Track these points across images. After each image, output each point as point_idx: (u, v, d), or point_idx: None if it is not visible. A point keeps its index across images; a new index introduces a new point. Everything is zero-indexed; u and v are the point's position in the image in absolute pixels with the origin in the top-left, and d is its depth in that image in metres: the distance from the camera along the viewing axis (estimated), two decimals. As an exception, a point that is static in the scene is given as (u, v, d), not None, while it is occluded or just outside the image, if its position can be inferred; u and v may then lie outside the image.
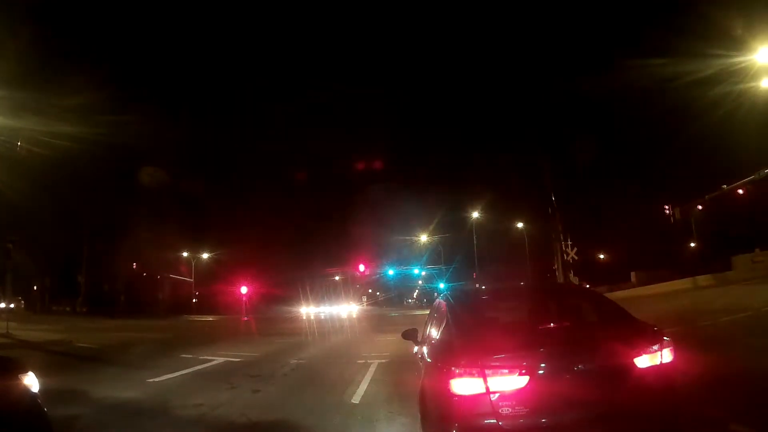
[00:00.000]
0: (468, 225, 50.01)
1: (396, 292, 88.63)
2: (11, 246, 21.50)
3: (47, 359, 14.76)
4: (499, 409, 3.99)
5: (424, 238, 53.50)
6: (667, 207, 35.06)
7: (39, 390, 4.59)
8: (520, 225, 49.51)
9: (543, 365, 4.10)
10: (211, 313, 54.98)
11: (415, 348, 7.14)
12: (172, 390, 10.20)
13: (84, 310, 54.20)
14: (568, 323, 5.22)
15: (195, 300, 63.62)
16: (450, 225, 51.63)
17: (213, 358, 14.90)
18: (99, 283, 59.42)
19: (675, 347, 4.38)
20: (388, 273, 55.95)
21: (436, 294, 6.94)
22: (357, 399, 8.89)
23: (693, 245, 48.98)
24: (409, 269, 56.09)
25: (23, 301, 58.21)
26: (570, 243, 35.94)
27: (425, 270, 55.94)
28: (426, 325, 6.79)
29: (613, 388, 4.11)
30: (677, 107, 34.14)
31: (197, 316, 52.51)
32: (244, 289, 55.15)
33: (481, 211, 49.45)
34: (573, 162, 44.48)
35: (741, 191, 32.17)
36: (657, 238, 48.54)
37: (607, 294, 36.96)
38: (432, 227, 52.92)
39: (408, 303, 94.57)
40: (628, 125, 51.68)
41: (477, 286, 9.24)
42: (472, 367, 4.10)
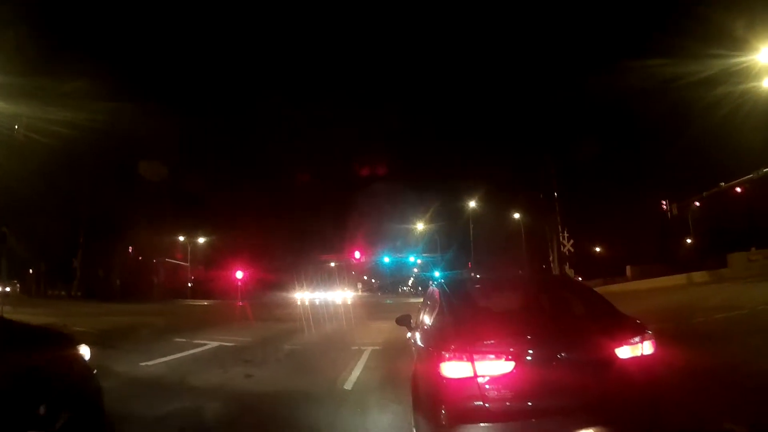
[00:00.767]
0: (465, 214, 50.20)
1: (391, 279, 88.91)
2: (6, 230, 21.39)
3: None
4: (486, 392, 4.20)
5: (420, 226, 53.34)
6: (665, 202, 35.03)
7: None
8: (516, 216, 49.47)
9: (528, 352, 4.31)
10: (207, 298, 54.96)
11: (409, 333, 7.30)
12: (164, 374, 10.13)
13: (79, 294, 54.18)
14: (554, 313, 5.52)
15: (190, 285, 63.54)
16: (447, 214, 51.89)
17: (206, 342, 14.81)
18: (95, 268, 59.19)
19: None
20: (383, 260, 55.74)
21: (430, 282, 7.25)
22: (350, 386, 8.89)
23: (689, 242, 49.15)
24: (405, 257, 55.97)
25: (19, 285, 58.02)
26: (567, 235, 36.06)
27: (421, 258, 55.58)
28: (419, 312, 7.00)
29: (595, 376, 4.31)
30: (679, 106, 34.04)
31: (193, 300, 52.51)
32: (239, 274, 55.07)
33: (479, 201, 49.43)
34: (573, 156, 44.44)
35: (739, 189, 32.16)
36: (653, 233, 48.72)
37: (602, 287, 37.47)
38: (429, 216, 53.06)
39: (403, 290, 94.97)
40: (629, 123, 51.60)
41: (471, 275, 9.36)
42: (461, 352, 4.30)
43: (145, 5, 63.51)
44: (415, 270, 76.38)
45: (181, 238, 64.24)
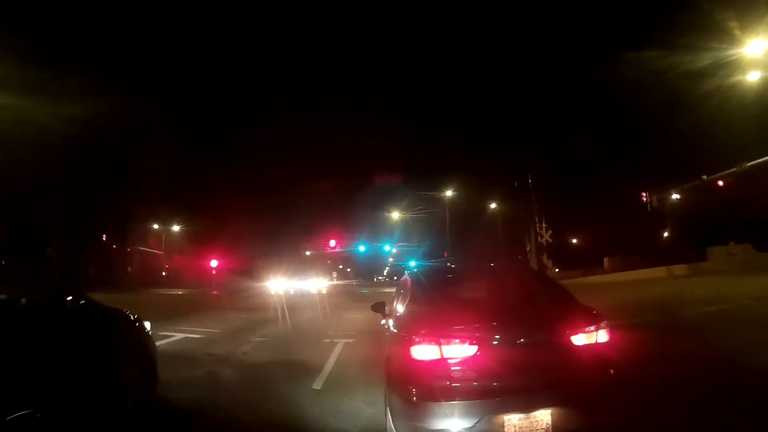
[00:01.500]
0: (442, 203, 49.39)
1: (367, 268, 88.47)
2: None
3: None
4: (452, 373, 4.61)
5: (396, 215, 52.74)
6: (645, 194, 34.65)
7: None
8: (494, 205, 49.05)
9: (491, 337, 4.71)
10: (181, 287, 53.89)
11: (383, 320, 7.53)
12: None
13: None
14: (517, 302, 5.67)
15: (165, 273, 62.43)
16: (424, 203, 50.89)
17: (172, 334, 14.05)
18: (69, 256, 57.48)
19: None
20: (359, 249, 55.18)
21: (405, 271, 8.07)
22: (319, 384, 8.21)
23: (666, 234, 49.09)
24: (381, 246, 55.43)
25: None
26: (545, 225, 35.64)
27: (396, 247, 55.33)
28: (393, 300, 7.38)
29: (551, 360, 4.69)
30: (664, 98, 33.86)
31: (166, 289, 51.17)
32: (214, 263, 54.41)
33: (456, 190, 48.75)
34: (552, 146, 43.93)
35: (721, 183, 31.88)
36: (632, 225, 48.54)
37: (581, 279, 37.22)
38: (405, 204, 52.41)
39: (378, 280, 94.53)
40: (613, 113, 51.03)
41: (443, 265, 9.43)
42: (429, 337, 4.69)
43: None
44: (390, 259, 75.91)
45: (156, 226, 63.03)
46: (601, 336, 4.91)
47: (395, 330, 5.95)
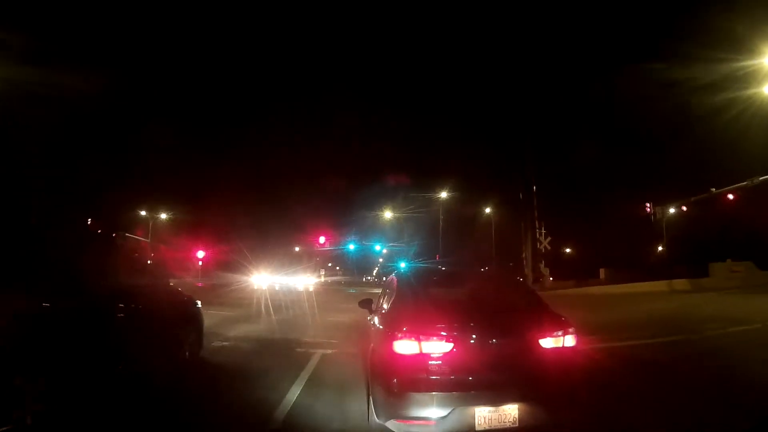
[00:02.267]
0: (435, 204, 48.42)
1: (356, 267, 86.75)
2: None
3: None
4: (430, 367, 5.03)
5: (388, 214, 51.27)
6: (648, 205, 33.25)
7: None
8: (489, 210, 47.76)
9: (466, 337, 5.15)
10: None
11: (369, 316, 7.86)
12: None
13: None
14: (493, 306, 6.10)
15: (150, 261, 60.50)
16: (417, 203, 49.53)
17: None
18: (45, 238, 55.39)
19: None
20: (348, 248, 53.64)
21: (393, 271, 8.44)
22: (280, 416, 6.35)
23: (661, 249, 47.78)
24: (371, 245, 53.92)
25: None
26: (544, 231, 34.26)
27: (387, 247, 53.93)
28: (380, 297, 7.78)
29: (520, 360, 5.12)
30: (675, 111, 32.79)
31: (149, 277, 49.27)
32: (201, 254, 52.76)
33: (450, 191, 47.41)
34: (555, 154, 42.61)
35: (731, 196, 30.54)
36: (629, 237, 47.31)
37: (578, 289, 35.80)
38: (397, 204, 51.09)
39: (367, 280, 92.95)
40: (620, 125, 49.76)
41: (428, 267, 9.90)
42: (410, 333, 5.13)
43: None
44: (380, 260, 74.56)
45: (144, 213, 61.20)
46: (569, 341, 5.39)
47: (380, 326, 6.36)
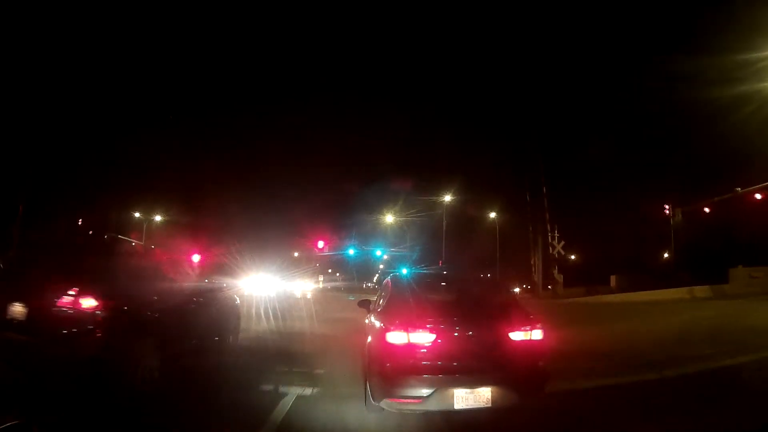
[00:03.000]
0: (439, 209, 46.79)
1: (356, 273, 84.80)
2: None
3: None
4: (416, 354, 6.11)
5: (390, 218, 49.41)
6: (667, 207, 31.32)
7: None
8: (493, 215, 46.02)
9: (447, 329, 6.24)
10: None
11: (367, 316, 8.80)
12: None
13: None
14: (472, 305, 7.21)
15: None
16: (420, 207, 47.90)
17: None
18: (38, 239, 53.11)
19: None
20: (348, 253, 51.70)
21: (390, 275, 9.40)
22: None
23: (672, 254, 45.90)
24: (372, 250, 51.94)
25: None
26: (557, 235, 32.32)
27: (388, 253, 52.03)
28: (377, 299, 8.90)
29: (493, 350, 6.22)
30: (691, 107, 31.12)
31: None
32: (196, 258, 50.92)
33: (455, 195, 45.67)
34: (565, 155, 40.71)
35: (759, 196, 28.71)
36: (641, 241, 45.50)
37: (590, 297, 34.04)
38: (399, 208, 49.32)
39: (367, 287, 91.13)
40: (637, 122, 47.71)
41: (421, 271, 11.22)
42: (400, 326, 6.21)
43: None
44: (381, 266, 72.78)
45: (137, 214, 59.37)
46: (536, 334, 6.42)
47: (375, 321, 7.47)
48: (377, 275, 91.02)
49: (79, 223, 56.55)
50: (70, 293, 6.89)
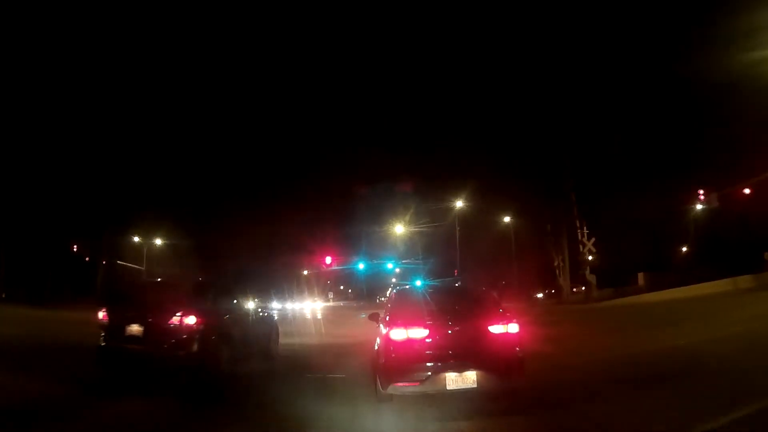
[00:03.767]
0: (451, 216, 44.89)
1: (368, 288, 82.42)
2: None
3: None
4: (414, 346, 7.67)
5: (400, 229, 47.20)
6: (702, 192, 28.93)
7: None
8: (508, 219, 43.94)
9: (437, 326, 7.84)
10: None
11: (378, 325, 9.80)
12: None
13: (3, 296, 45.52)
14: (460, 308, 8.68)
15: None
16: (432, 216, 45.89)
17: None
18: (29, 265, 50.44)
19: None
20: (358, 267, 49.40)
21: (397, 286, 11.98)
22: None
23: (697, 247, 43.64)
24: (383, 263, 49.72)
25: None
26: (587, 232, 29.95)
27: (400, 265, 49.62)
28: (384, 309, 10.04)
29: (476, 341, 7.76)
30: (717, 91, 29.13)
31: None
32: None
33: (467, 201, 43.49)
34: (594, 142, 38.09)
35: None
36: (664, 236, 43.18)
37: (625, 299, 31.40)
38: (410, 218, 47.06)
39: (380, 302, 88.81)
40: (662, 105, 45.19)
41: (424, 282, 12.92)
42: (401, 326, 7.87)
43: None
44: (393, 279, 70.56)
45: (137, 239, 57.30)
46: (512, 328, 7.93)
47: (382, 326, 9.00)
48: (390, 289, 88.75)
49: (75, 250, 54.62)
50: (177, 314, 10.11)
